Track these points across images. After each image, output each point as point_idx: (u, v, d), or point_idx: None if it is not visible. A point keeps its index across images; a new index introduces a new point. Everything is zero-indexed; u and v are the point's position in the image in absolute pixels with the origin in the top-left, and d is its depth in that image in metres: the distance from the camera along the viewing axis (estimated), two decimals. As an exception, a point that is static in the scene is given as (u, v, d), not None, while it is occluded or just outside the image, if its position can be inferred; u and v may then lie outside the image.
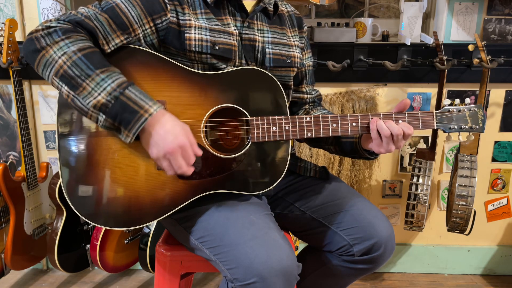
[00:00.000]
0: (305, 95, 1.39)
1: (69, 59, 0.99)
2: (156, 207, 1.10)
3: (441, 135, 2.00)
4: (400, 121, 1.14)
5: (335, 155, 2.03)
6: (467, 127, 1.18)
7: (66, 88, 1.00)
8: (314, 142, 1.38)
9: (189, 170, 1.04)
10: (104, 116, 0.99)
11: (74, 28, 1.03)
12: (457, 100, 1.19)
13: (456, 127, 1.18)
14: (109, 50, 1.06)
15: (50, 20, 1.04)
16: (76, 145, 1.06)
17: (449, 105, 1.19)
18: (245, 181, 1.16)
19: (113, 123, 1.00)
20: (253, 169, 1.15)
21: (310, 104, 1.40)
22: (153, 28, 1.12)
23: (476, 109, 1.18)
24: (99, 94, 0.98)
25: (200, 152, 1.05)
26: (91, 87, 0.98)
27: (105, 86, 0.98)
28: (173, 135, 1.00)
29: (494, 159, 2.10)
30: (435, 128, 1.18)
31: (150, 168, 1.09)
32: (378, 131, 1.13)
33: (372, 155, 1.24)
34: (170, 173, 1.04)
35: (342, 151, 1.29)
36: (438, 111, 1.17)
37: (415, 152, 2.05)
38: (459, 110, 1.18)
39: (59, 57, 0.99)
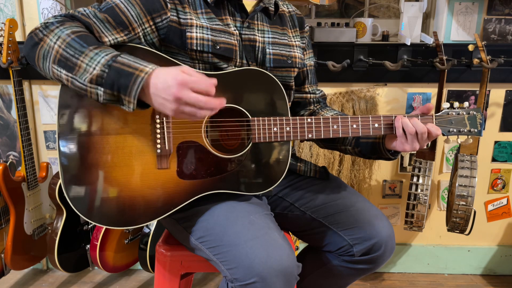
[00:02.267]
0: (309, 95, 1.38)
1: (63, 42, 0.99)
2: (157, 207, 1.10)
3: (441, 136, 2.00)
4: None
5: (335, 156, 2.02)
6: (465, 130, 1.18)
7: (64, 72, 0.99)
8: (327, 143, 1.36)
9: (212, 101, 0.94)
10: (102, 89, 0.96)
11: (71, 19, 1.05)
12: (456, 104, 1.19)
13: (455, 130, 1.18)
14: (108, 43, 1.06)
15: (48, 19, 1.05)
16: (76, 145, 1.06)
17: (448, 108, 1.19)
18: (245, 182, 1.16)
19: (112, 93, 0.96)
20: (254, 170, 1.15)
21: (316, 104, 1.39)
22: (153, 27, 1.12)
23: (475, 113, 1.18)
24: (94, 68, 0.96)
25: (214, 80, 0.96)
26: (86, 63, 0.97)
27: (99, 60, 0.96)
28: (169, 78, 0.92)
29: (494, 159, 2.10)
30: None
31: (151, 168, 1.09)
32: (403, 129, 1.13)
33: (393, 155, 1.24)
34: (200, 114, 0.94)
35: (361, 152, 1.27)
36: (437, 114, 1.17)
37: (415, 152, 2.05)
38: (458, 114, 1.18)
39: (55, 43, 0.99)
